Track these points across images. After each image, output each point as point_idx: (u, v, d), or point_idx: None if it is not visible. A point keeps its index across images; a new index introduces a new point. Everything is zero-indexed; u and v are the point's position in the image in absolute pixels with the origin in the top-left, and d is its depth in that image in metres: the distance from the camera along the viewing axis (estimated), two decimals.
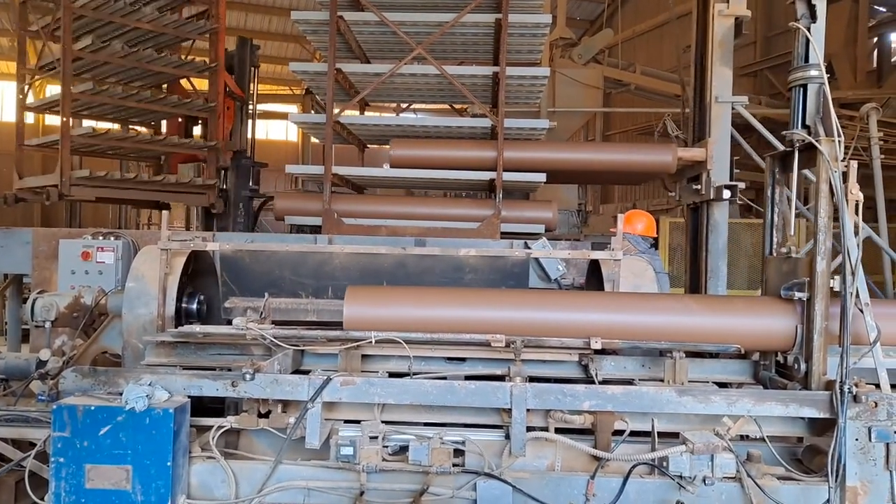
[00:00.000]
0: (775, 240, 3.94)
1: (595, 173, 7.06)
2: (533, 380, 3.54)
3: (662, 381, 3.72)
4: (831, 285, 3.41)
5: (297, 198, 7.93)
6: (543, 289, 5.48)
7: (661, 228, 11.20)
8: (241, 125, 9.33)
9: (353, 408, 3.52)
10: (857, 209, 3.40)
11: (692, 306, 3.77)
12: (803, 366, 3.49)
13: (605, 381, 3.67)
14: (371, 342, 3.61)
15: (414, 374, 3.65)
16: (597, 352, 3.71)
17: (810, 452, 3.59)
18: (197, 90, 8.99)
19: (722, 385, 3.79)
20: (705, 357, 3.98)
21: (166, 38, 8.27)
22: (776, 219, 3.95)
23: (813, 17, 3.61)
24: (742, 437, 3.55)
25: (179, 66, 8.33)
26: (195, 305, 4.38)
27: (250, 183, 9.11)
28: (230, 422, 3.46)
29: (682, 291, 8.10)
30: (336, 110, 6.71)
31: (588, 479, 3.28)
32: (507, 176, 6.51)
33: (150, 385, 3.29)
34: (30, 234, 6.67)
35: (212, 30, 8.31)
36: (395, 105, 10.19)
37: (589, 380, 3.73)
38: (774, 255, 3.91)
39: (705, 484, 3.22)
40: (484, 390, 3.37)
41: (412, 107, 11.28)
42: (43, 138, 8.64)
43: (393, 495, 3.35)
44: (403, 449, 3.37)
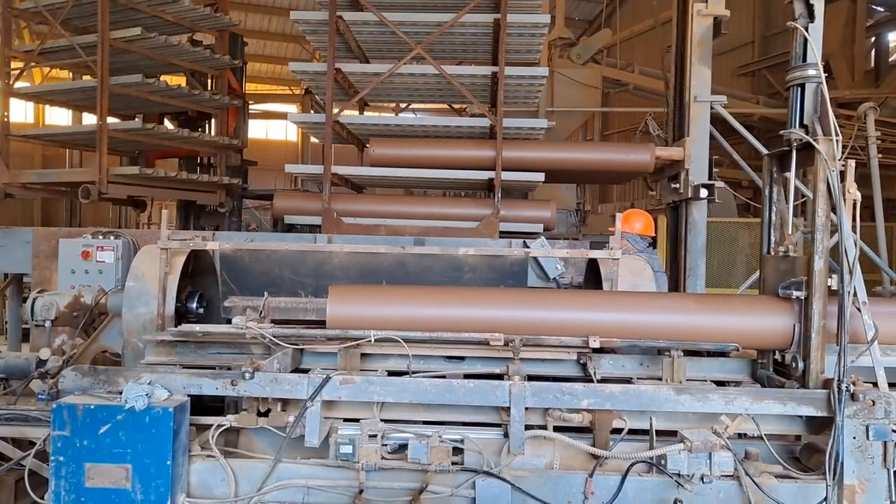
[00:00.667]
0: (773, 239, 3.95)
1: (575, 172, 7.05)
2: (531, 378, 3.55)
3: (661, 379, 3.73)
4: (829, 284, 3.42)
5: (296, 197, 7.94)
6: (541, 288, 5.49)
7: (660, 227, 11.21)
8: (243, 123, 9.37)
9: (352, 406, 3.53)
10: (854, 208, 3.41)
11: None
12: (801, 364, 3.50)
13: (604, 380, 3.69)
14: (370, 341, 3.62)
15: (413, 372, 3.66)
16: (595, 350, 3.72)
17: (808, 451, 3.60)
18: (199, 86, 8.92)
19: (720, 383, 3.80)
20: (703, 356, 3.99)
21: (180, 29, 8.14)
22: (774, 218, 3.96)
23: (811, 17, 3.61)
24: (740, 436, 3.55)
25: (204, 60, 8.27)
26: (195, 304, 4.38)
27: (240, 181, 9.16)
28: (230, 420, 3.47)
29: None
30: (335, 110, 6.71)
31: (586, 478, 3.29)
32: (505, 175, 6.52)
33: (149, 384, 3.29)
34: (30, 233, 6.68)
35: (230, 24, 8.29)
36: (394, 105, 10.21)
37: (587, 378, 3.74)
38: (772, 253, 3.92)
39: (703, 482, 3.23)
40: (483, 389, 3.38)
41: (411, 106, 11.30)
42: (67, 128, 8.60)
43: (392, 493, 3.35)
44: (402, 447, 3.37)
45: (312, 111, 13.28)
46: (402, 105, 11.01)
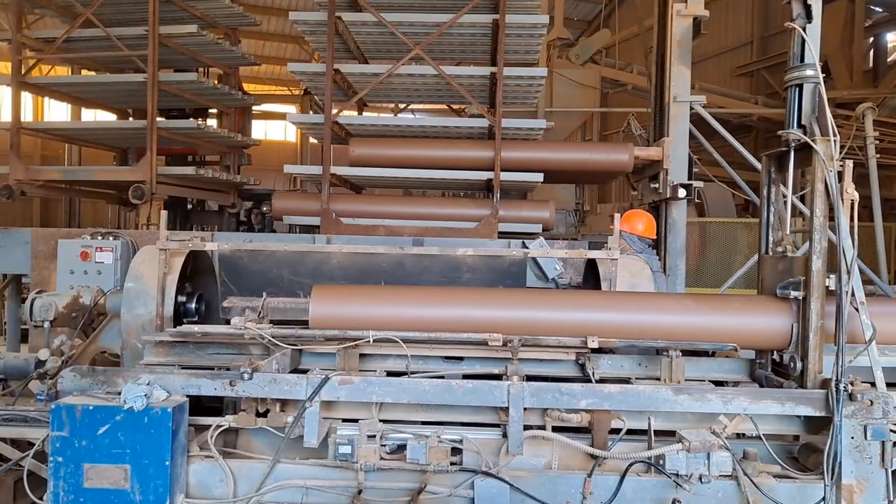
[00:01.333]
0: (771, 239, 3.95)
1: (555, 172, 7.03)
2: (530, 379, 3.55)
3: (659, 379, 3.73)
4: (827, 284, 3.42)
5: (295, 197, 7.94)
6: (540, 288, 5.49)
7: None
8: (248, 122, 9.36)
9: (351, 407, 3.53)
10: (852, 208, 3.41)
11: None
12: (799, 364, 3.51)
13: (602, 380, 3.70)
14: (369, 341, 3.62)
15: (412, 373, 3.66)
16: (594, 351, 3.73)
17: (806, 450, 3.60)
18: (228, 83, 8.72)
19: (718, 383, 3.80)
20: (702, 356, 4.00)
21: (202, 24, 7.82)
22: (772, 218, 3.96)
23: (809, 18, 3.62)
24: (738, 436, 3.56)
25: (234, 57, 8.19)
26: (194, 305, 4.39)
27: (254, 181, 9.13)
28: (228, 421, 3.47)
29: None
30: (334, 110, 6.72)
31: (585, 478, 3.29)
32: (503, 176, 6.52)
33: (148, 384, 3.29)
34: (29, 233, 6.68)
35: (253, 24, 8.24)
36: (393, 105, 10.20)
37: (586, 378, 3.75)
38: (770, 253, 3.92)
39: (702, 482, 3.23)
40: (481, 389, 3.38)
41: (410, 107, 11.30)
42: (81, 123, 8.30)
43: (391, 494, 3.36)
44: (401, 448, 3.38)
45: (311, 112, 13.29)
46: (401, 105, 11.01)
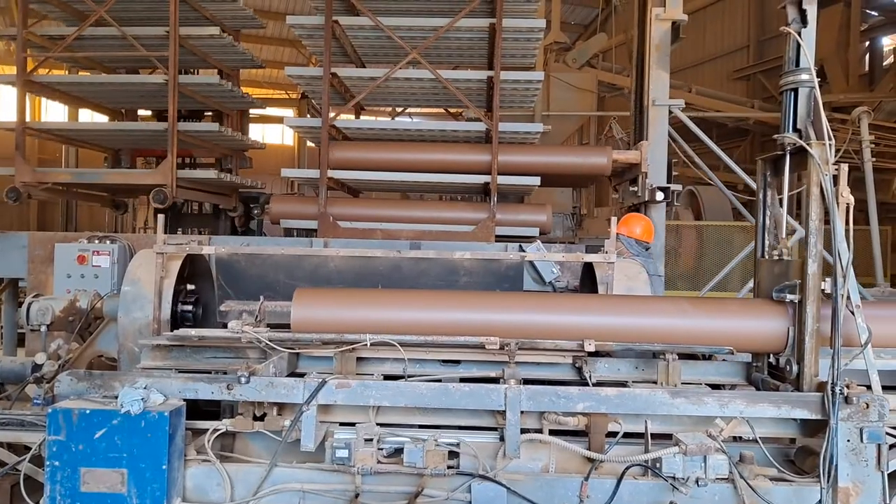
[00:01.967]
0: (767, 242, 3.97)
1: (535, 176, 7.05)
2: (527, 382, 3.56)
3: (655, 382, 3.74)
4: (822, 287, 3.44)
5: (292, 201, 7.94)
6: (537, 291, 5.50)
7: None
8: (246, 125, 9.34)
9: (348, 410, 3.53)
10: (848, 212, 3.43)
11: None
12: (795, 367, 3.52)
13: (599, 383, 3.70)
14: (366, 345, 3.62)
15: (409, 376, 3.67)
16: (590, 354, 3.73)
17: (803, 453, 3.61)
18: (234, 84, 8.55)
19: (714, 387, 3.82)
20: (698, 359, 4.00)
21: (207, 24, 7.65)
22: (768, 221, 3.98)
23: (804, 22, 3.64)
24: (735, 439, 3.57)
25: (243, 60, 8.15)
26: (191, 309, 4.38)
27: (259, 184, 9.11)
28: (225, 425, 3.47)
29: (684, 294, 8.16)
30: (331, 114, 6.72)
31: (582, 481, 3.30)
32: (500, 179, 6.53)
33: (145, 388, 3.30)
34: (25, 237, 6.66)
35: (260, 26, 8.18)
36: (390, 109, 10.21)
37: (583, 382, 3.75)
38: (766, 257, 3.93)
39: (698, 485, 3.24)
40: (478, 392, 3.38)
41: (407, 110, 11.32)
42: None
43: (388, 497, 3.36)
44: (398, 451, 3.38)
45: (309, 115, 13.31)
46: (399, 109, 11.03)
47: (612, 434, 3.47)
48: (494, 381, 3.63)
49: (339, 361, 3.75)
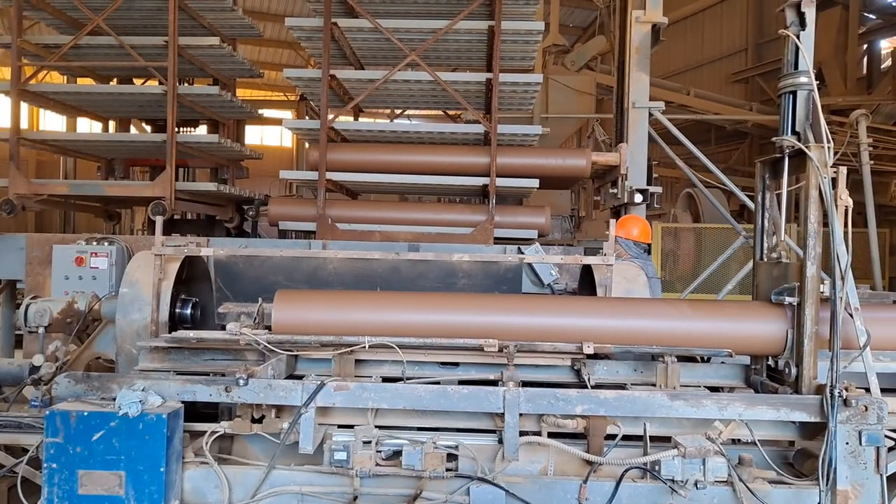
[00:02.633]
0: (766, 245, 3.97)
1: (515, 178, 7.08)
2: (526, 384, 3.56)
3: (654, 385, 3.74)
4: (821, 290, 3.44)
5: (291, 203, 7.94)
6: (536, 294, 5.50)
7: (654, 233, 11.26)
8: (243, 132, 9.31)
9: (346, 413, 3.53)
10: (846, 215, 3.43)
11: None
12: (794, 370, 3.52)
13: (598, 386, 3.70)
14: (364, 347, 3.62)
15: (407, 378, 3.66)
16: (589, 356, 3.73)
17: (801, 456, 3.61)
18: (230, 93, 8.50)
19: (713, 389, 3.82)
20: (697, 361, 4.00)
21: (205, 33, 7.70)
22: (766, 224, 3.98)
23: (802, 25, 3.64)
24: (734, 441, 3.57)
25: (243, 70, 8.13)
26: (189, 311, 4.37)
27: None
28: (224, 427, 3.46)
29: (676, 296, 8.16)
30: (330, 116, 6.72)
31: (581, 484, 3.30)
32: (498, 182, 6.54)
33: (143, 390, 3.29)
34: (23, 239, 6.65)
35: (257, 35, 8.18)
36: (389, 111, 10.21)
37: (582, 384, 3.75)
38: (765, 259, 3.93)
39: (697, 488, 3.23)
40: (477, 395, 3.38)
41: (406, 113, 11.32)
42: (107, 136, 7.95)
43: (386, 500, 3.35)
44: (397, 454, 3.38)
45: (307, 117, 13.30)
46: (397, 111, 11.02)
47: (611, 436, 3.47)
48: (493, 383, 3.62)
49: (338, 364, 3.74)
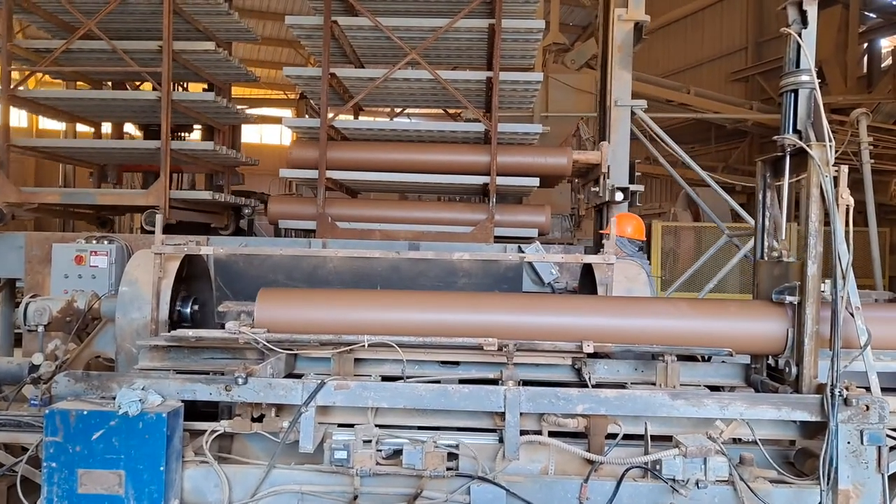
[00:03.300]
0: (766, 244, 3.96)
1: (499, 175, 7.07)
2: (526, 383, 3.56)
3: (655, 384, 3.73)
4: (822, 289, 3.43)
5: (291, 202, 7.93)
6: (536, 292, 5.50)
7: (654, 232, 11.26)
8: (238, 137, 9.25)
9: (346, 412, 3.52)
10: (847, 214, 3.42)
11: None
12: (794, 369, 3.51)
13: (599, 385, 3.69)
14: (364, 346, 3.61)
15: (407, 377, 3.66)
16: (590, 355, 3.72)
17: (802, 455, 3.61)
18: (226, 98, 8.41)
19: (713, 388, 3.81)
20: (697, 360, 4.00)
21: (201, 37, 7.60)
22: (767, 223, 3.97)
23: (804, 23, 3.63)
24: (734, 441, 3.56)
25: (238, 73, 8.06)
26: (189, 309, 4.37)
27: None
28: (223, 426, 3.46)
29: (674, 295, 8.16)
30: (330, 115, 6.71)
31: (581, 483, 3.30)
32: (498, 180, 6.53)
33: (143, 389, 3.28)
34: (23, 237, 6.64)
35: (253, 39, 8.11)
36: (389, 109, 10.19)
37: (582, 383, 3.75)
38: (766, 258, 3.93)
39: (698, 487, 3.23)
40: (477, 394, 3.37)
41: (406, 111, 11.31)
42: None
43: (387, 499, 3.35)
44: (397, 453, 3.37)
45: (307, 116, 13.28)
46: (397, 110, 11.02)
47: (612, 436, 3.46)
48: (493, 382, 3.62)
49: (337, 363, 3.74)
